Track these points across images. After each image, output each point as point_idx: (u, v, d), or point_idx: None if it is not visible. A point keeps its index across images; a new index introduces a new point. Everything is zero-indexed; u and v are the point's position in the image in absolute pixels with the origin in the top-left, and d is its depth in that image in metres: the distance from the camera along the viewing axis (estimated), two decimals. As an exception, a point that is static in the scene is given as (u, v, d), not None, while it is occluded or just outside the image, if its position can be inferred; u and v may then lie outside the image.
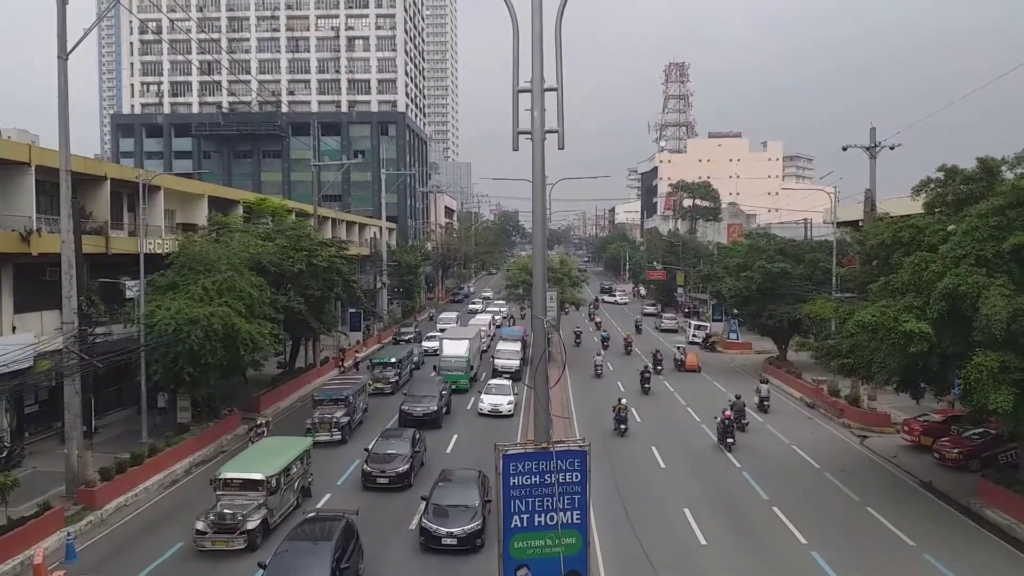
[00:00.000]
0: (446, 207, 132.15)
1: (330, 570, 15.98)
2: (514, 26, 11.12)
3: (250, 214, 44.48)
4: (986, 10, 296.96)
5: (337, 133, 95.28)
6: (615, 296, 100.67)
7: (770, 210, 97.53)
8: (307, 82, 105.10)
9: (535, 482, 10.66)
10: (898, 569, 18.98)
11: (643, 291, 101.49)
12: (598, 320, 72.69)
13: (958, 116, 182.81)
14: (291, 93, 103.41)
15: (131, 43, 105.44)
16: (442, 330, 54.51)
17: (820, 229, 61.88)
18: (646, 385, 41.13)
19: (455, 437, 31.70)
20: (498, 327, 60.99)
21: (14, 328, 26.74)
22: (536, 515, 10.70)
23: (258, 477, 20.46)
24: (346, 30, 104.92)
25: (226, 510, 19.55)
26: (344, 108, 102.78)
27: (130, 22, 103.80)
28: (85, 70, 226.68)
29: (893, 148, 34.42)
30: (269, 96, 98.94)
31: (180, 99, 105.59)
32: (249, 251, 32.31)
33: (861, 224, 36.59)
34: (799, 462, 28.61)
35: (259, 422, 29.86)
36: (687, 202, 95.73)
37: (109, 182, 31.63)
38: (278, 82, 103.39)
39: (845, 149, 35.76)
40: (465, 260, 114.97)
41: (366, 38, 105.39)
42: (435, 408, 32.86)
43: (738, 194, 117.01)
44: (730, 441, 30.03)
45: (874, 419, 33.38)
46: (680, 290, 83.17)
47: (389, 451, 25.34)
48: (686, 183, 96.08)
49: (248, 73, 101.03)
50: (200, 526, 19.42)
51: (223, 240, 32.89)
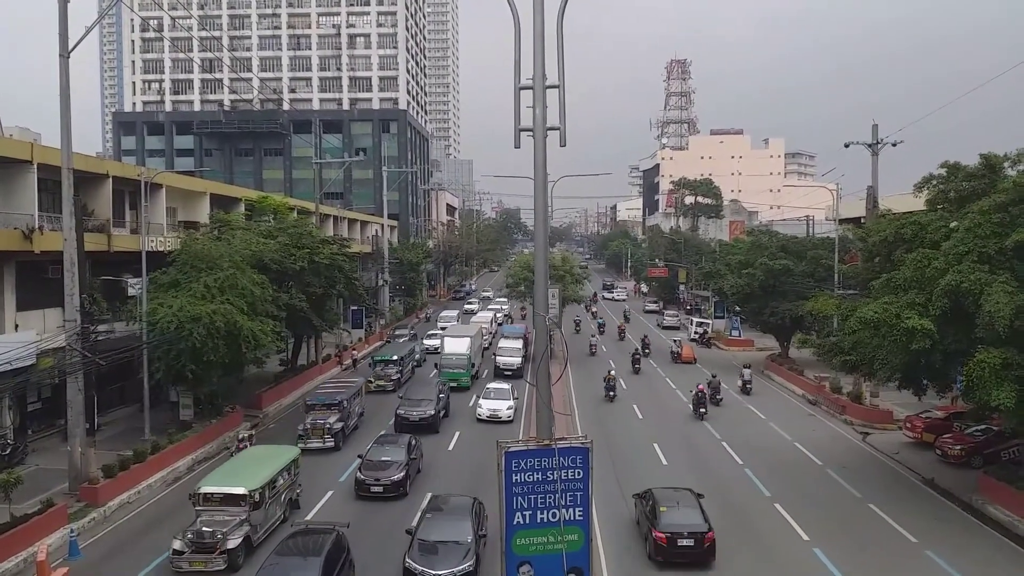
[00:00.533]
0: (448, 204, 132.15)
1: None
2: (516, 23, 11.10)
3: (252, 212, 44.59)
4: (986, 10, 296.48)
5: (339, 131, 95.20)
6: (613, 293, 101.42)
7: (772, 207, 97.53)
8: (308, 79, 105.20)
9: (537, 479, 10.66)
10: (900, 566, 18.98)
11: (645, 288, 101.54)
12: (594, 311, 76.93)
13: (958, 116, 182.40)
14: (292, 91, 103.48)
15: (132, 41, 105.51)
16: (443, 328, 54.40)
17: (822, 226, 61.91)
18: (636, 366, 46.22)
19: (457, 435, 31.61)
20: (499, 325, 61.01)
21: (17, 326, 26.83)
22: (538, 512, 10.69)
23: (240, 491, 19.03)
24: (347, 27, 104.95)
25: (205, 527, 18.12)
26: (345, 105, 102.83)
27: (131, 20, 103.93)
28: (86, 68, 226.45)
29: (895, 145, 34.39)
30: (270, 94, 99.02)
31: (182, 97, 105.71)
32: (251, 249, 32.36)
33: (863, 221, 36.52)
34: (801, 459, 28.59)
35: (241, 436, 27.91)
36: (689, 199, 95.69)
37: (111, 180, 31.66)
38: (279, 80, 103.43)
39: (847, 146, 35.80)
40: (467, 258, 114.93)
41: (367, 35, 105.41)
42: (432, 412, 31.51)
43: (740, 191, 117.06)
44: (703, 411, 34.19)
45: (876, 416, 33.36)
46: (682, 287, 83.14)
47: (384, 458, 24.10)
48: (688, 180, 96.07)
49: (249, 71, 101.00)
50: (177, 545, 17.95)
51: (225, 238, 32.90)
